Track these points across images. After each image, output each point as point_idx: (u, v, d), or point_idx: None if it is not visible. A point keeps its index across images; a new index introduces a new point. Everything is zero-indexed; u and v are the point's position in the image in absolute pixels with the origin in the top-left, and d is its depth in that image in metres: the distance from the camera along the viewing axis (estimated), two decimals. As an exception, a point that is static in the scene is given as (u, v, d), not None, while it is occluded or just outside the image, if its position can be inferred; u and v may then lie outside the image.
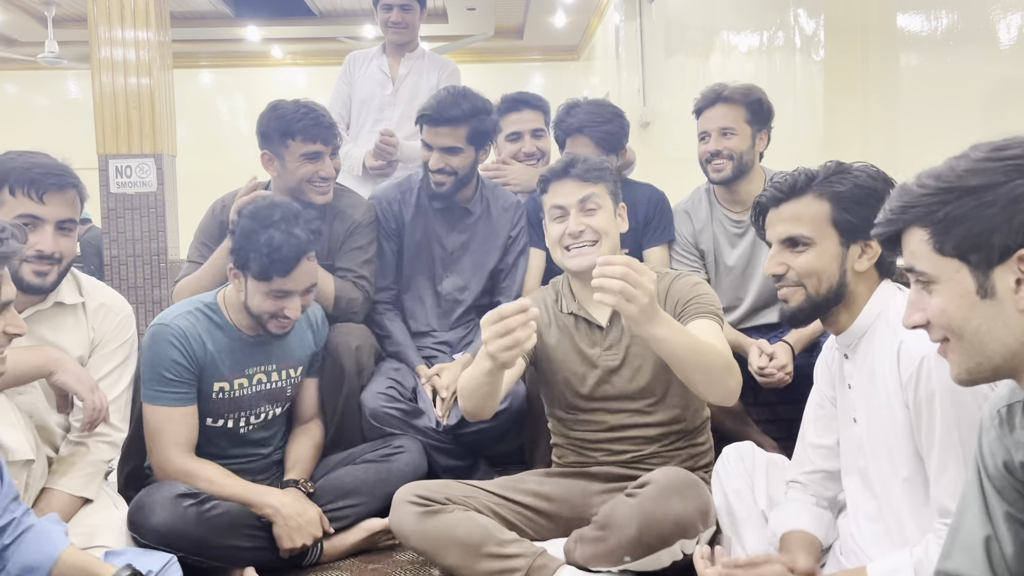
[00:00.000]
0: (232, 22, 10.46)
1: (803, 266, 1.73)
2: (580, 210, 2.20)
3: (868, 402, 1.71)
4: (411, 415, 2.67)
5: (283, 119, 2.72)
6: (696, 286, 2.23)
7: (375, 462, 2.54)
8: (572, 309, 2.29)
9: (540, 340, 2.29)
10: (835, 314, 1.76)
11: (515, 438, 2.76)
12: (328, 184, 2.78)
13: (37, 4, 9.62)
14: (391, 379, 2.73)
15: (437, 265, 2.99)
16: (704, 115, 2.86)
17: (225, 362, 2.41)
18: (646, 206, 3.01)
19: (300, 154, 2.72)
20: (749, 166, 2.85)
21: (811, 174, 1.76)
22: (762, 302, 2.96)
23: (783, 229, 1.77)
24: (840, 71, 3.48)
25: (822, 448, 1.91)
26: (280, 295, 2.31)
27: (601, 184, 2.23)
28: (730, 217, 2.94)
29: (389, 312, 2.96)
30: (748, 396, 2.90)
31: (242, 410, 2.47)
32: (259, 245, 2.24)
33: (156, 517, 2.16)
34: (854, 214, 1.71)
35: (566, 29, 11.15)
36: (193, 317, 2.40)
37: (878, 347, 1.69)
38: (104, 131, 6.81)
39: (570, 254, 2.21)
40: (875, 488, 1.72)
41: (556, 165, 2.27)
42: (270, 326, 2.37)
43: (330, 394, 2.69)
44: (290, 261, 2.26)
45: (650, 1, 7.15)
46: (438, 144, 2.82)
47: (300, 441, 2.60)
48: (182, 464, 2.32)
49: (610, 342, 2.25)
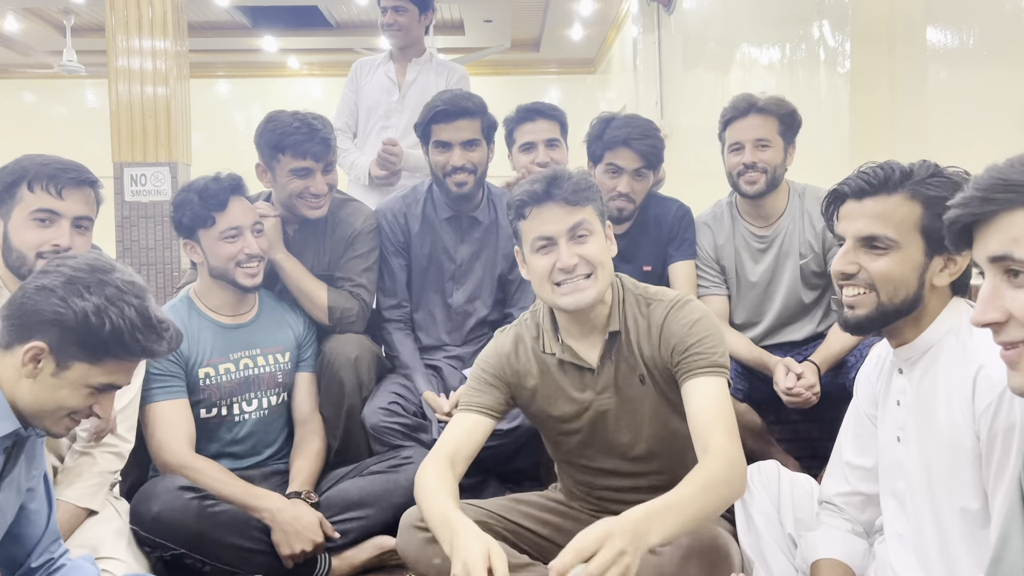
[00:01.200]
0: (249, 32, 10.49)
1: (880, 271, 1.58)
2: (570, 239, 1.87)
3: (920, 422, 1.60)
4: (415, 429, 2.59)
5: (275, 132, 2.65)
6: (695, 325, 1.91)
7: (382, 473, 2.48)
8: (556, 351, 1.98)
9: (519, 386, 2.03)
10: (900, 326, 1.63)
11: (529, 455, 2.66)
12: (321, 199, 2.71)
13: (56, 13, 9.67)
14: (394, 393, 2.64)
15: (447, 278, 2.91)
16: (735, 125, 2.77)
17: (207, 348, 2.48)
18: (671, 221, 2.93)
19: (289, 169, 2.66)
20: (780, 180, 2.77)
21: (907, 171, 1.60)
22: (784, 319, 2.87)
23: (864, 226, 1.60)
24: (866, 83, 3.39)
25: (860, 469, 1.80)
26: (231, 235, 2.42)
27: (590, 206, 1.90)
28: (753, 232, 2.86)
29: (399, 331, 2.87)
30: (769, 414, 2.82)
31: (233, 395, 2.51)
32: (190, 199, 2.42)
33: (157, 506, 2.16)
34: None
35: (583, 42, 11.13)
36: (172, 311, 2.47)
37: (944, 366, 1.57)
38: (120, 139, 6.82)
39: (562, 290, 1.87)
40: (912, 513, 1.62)
41: (534, 186, 1.88)
42: (238, 277, 2.46)
43: (331, 411, 2.62)
44: (220, 195, 2.42)
45: (669, 13, 7.09)
46: (458, 139, 2.75)
47: (301, 451, 2.55)
48: (185, 458, 2.34)
49: (603, 384, 1.98)
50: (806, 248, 2.80)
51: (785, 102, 2.78)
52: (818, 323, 2.88)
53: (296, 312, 2.68)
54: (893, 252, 1.58)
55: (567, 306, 1.88)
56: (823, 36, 3.76)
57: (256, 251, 2.45)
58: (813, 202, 2.80)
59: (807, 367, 2.57)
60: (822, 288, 2.86)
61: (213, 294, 2.52)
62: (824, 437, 2.99)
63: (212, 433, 2.48)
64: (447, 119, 2.74)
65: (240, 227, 2.43)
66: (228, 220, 2.43)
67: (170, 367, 2.39)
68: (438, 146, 2.78)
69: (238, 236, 2.43)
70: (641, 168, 2.84)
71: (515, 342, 2.06)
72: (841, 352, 2.60)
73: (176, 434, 2.34)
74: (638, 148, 2.82)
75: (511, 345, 2.05)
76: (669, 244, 2.91)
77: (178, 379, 2.41)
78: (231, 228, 2.42)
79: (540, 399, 2.03)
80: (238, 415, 2.50)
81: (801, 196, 2.83)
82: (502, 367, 2.03)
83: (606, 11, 9.77)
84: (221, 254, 2.43)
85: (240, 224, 2.44)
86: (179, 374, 2.41)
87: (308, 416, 2.62)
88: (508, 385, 2.02)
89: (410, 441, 2.57)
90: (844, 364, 2.60)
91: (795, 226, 2.81)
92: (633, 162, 2.81)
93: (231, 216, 2.43)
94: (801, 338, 2.86)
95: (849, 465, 1.83)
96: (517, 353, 2.04)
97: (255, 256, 2.45)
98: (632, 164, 2.81)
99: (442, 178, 2.80)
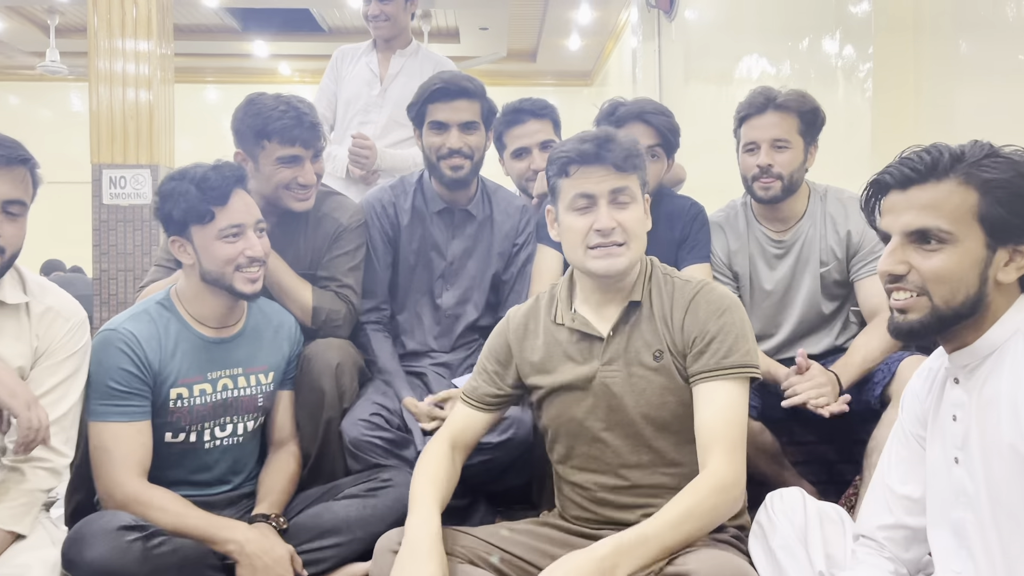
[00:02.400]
0: (239, 36, 10.33)
1: (934, 270, 1.38)
2: (611, 202, 1.82)
3: (983, 439, 1.38)
4: (398, 445, 2.33)
5: (259, 116, 2.40)
6: (722, 316, 1.82)
7: (359, 497, 2.19)
8: (566, 320, 1.92)
9: (523, 360, 1.98)
10: (958, 329, 1.41)
11: (521, 473, 2.40)
12: (309, 191, 2.47)
13: (40, 12, 9.47)
14: (376, 403, 2.39)
15: (436, 276, 2.68)
16: (751, 123, 2.54)
17: (183, 365, 2.14)
18: (685, 220, 2.69)
19: (276, 157, 2.41)
20: (798, 185, 2.55)
21: (958, 153, 1.41)
22: (801, 331, 2.64)
23: (912, 219, 1.41)
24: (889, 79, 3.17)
25: (907, 499, 1.56)
26: (232, 234, 2.11)
27: (635, 174, 1.85)
28: (770, 236, 2.63)
29: (377, 333, 2.62)
30: (783, 434, 2.59)
31: (205, 420, 2.18)
32: (185, 189, 2.09)
33: (93, 552, 1.82)
34: (1009, 209, 1.36)
35: (580, 53, 11.02)
36: (146, 317, 2.15)
37: (1009, 372, 1.36)
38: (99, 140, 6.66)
39: (595, 253, 1.82)
40: (974, 548, 1.39)
41: (583, 145, 1.83)
42: (237, 283, 2.13)
43: (307, 421, 2.35)
44: (222, 187, 2.09)
45: (670, 19, 6.91)
46: (456, 119, 2.54)
47: (273, 470, 2.28)
48: (133, 490, 2.02)
49: (610, 355, 1.88)
50: (827, 255, 2.57)
51: (807, 97, 2.55)
52: (837, 335, 2.66)
53: (287, 319, 2.37)
54: (948, 247, 1.38)
55: (598, 270, 1.84)
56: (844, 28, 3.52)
57: (260, 254, 2.14)
58: (836, 204, 2.59)
59: (817, 368, 2.33)
60: (843, 298, 2.64)
61: (201, 301, 2.18)
62: (842, 459, 2.77)
63: (175, 459, 2.19)
64: (445, 98, 2.53)
65: (243, 225, 2.12)
66: (230, 216, 2.10)
67: (135, 384, 2.06)
68: (434, 127, 2.56)
69: (240, 235, 2.11)
70: (656, 147, 2.63)
71: (527, 313, 2.02)
72: (864, 364, 2.36)
73: (126, 463, 2.03)
74: (654, 122, 2.62)
75: (521, 316, 2.02)
76: (681, 245, 2.67)
77: (141, 398, 2.08)
78: (233, 226, 2.10)
79: (543, 369, 1.95)
80: (208, 442, 2.19)
81: (823, 198, 2.61)
82: (502, 346, 2.01)
83: (605, 20, 9.64)
84: (219, 255, 2.10)
85: (243, 222, 2.12)
86: (143, 393, 2.08)
87: (286, 438, 2.35)
88: (510, 364, 2.00)
89: (392, 459, 2.31)
90: (869, 379, 2.37)
91: (816, 231, 2.59)
92: (647, 138, 2.60)
93: (233, 212, 2.11)
94: (819, 351, 2.63)
95: (894, 494, 1.59)
96: (526, 325, 2.00)
97: (258, 259, 2.14)
98: (646, 140, 2.59)
99: (435, 162, 2.58)
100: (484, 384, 2.01)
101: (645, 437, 1.88)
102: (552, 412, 1.96)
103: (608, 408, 1.89)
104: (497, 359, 2.01)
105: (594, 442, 1.91)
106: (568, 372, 1.91)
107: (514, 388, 2.01)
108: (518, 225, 2.70)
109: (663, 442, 1.88)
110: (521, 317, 2.02)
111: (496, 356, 2.02)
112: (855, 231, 2.54)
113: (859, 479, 2.38)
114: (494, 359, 2.02)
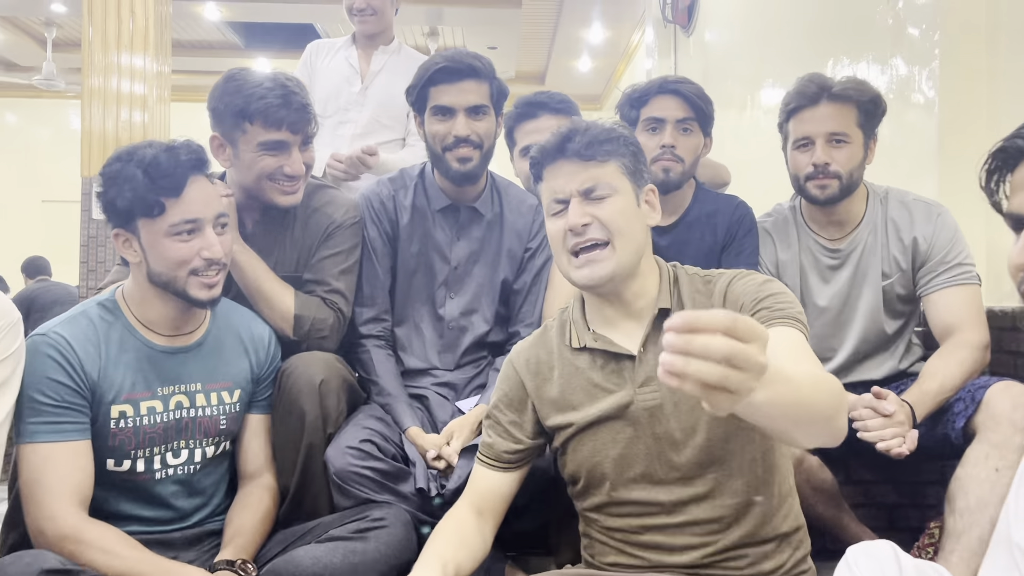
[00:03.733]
0: (241, 53, 10.10)
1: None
2: (584, 198, 1.59)
3: None
4: (393, 478, 1.98)
5: (239, 94, 2.07)
6: (766, 284, 1.59)
7: (345, 539, 1.80)
8: (586, 341, 1.64)
9: (539, 397, 1.70)
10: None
11: (536, 515, 2.05)
12: (296, 183, 2.14)
13: (38, 25, 9.24)
14: (368, 428, 2.02)
15: (438, 283, 2.33)
16: (802, 116, 2.23)
17: (127, 377, 1.81)
18: (728, 221, 2.37)
19: (258, 142, 2.08)
20: (857, 184, 2.25)
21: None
22: (862, 353, 2.31)
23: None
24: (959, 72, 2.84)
25: None
26: (186, 231, 1.78)
27: (612, 161, 1.60)
28: (823, 245, 2.30)
29: (379, 350, 2.27)
30: (839, 472, 2.24)
31: (155, 445, 1.84)
32: (131, 173, 1.75)
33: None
34: None
35: (590, 75, 10.80)
36: (84, 320, 1.81)
37: None
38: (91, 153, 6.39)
39: (577, 262, 1.59)
40: None
41: (548, 142, 1.63)
42: (191, 288, 1.80)
43: (286, 448, 1.99)
44: (176, 174, 1.76)
45: (687, 34, 6.61)
46: (462, 103, 2.21)
47: (242, 507, 1.93)
48: (68, 526, 1.68)
49: (646, 374, 1.59)
50: (890, 266, 2.24)
51: (866, 86, 2.25)
52: (900, 359, 2.32)
53: (260, 330, 2.04)
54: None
55: (579, 280, 1.61)
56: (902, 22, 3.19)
57: (219, 255, 1.81)
58: (899, 208, 2.27)
59: (894, 400, 1.98)
60: (907, 315, 2.30)
61: (149, 304, 1.85)
62: (905, 503, 2.43)
63: (120, 491, 1.84)
64: (450, 79, 2.20)
65: (199, 220, 1.79)
66: (184, 210, 1.77)
67: (67, 396, 1.73)
68: (437, 112, 2.23)
69: (196, 232, 1.79)
70: (687, 120, 2.34)
71: (535, 344, 1.75)
72: (941, 393, 2.03)
73: (59, 491, 1.69)
74: (681, 90, 2.33)
75: (529, 349, 1.75)
76: (725, 250, 2.33)
77: (76, 413, 1.74)
78: (187, 221, 1.78)
79: (566, 405, 1.66)
80: (159, 471, 1.84)
81: (883, 201, 2.29)
82: (514, 388, 1.73)
83: (617, 40, 9.40)
84: (169, 256, 1.78)
85: (199, 216, 1.79)
86: (79, 407, 1.75)
87: (259, 470, 1.99)
88: (526, 408, 1.71)
89: (386, 493, 1.95)
90: (947, 410, 2.03)
91: (876, 238, 2.26)
92: (677, 110, 2.33)
93: (188, 204, 1.78)
94: (880, 376, 2.30)
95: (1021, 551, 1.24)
96: (537, 358, 1.72)
97: (216, 262, 1.82)
98: (676, 113, 2.32)
99: (441, 153, 2.24)
100: (500, 439, 1.73)
101: (700, 464, 1.56)
102: (584, 453, 1.64)
103: (653, 437, 1.58)
104: (510, 406, 1.73)
105: (639, 481, 1.59)
106: (598, 403, 1.62)
107: (536, 438, 1.73)
108: (532, 226, 2.37)
109: (722, 468, 1.56)
110: (529, 349, 1.75)
111: (509, 402, 1.73)
112: (922, 238, 2.22)
113: (935, 526, 2.03)
114: (507, 407, 1.73)
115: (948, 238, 2.20)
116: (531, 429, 1.71)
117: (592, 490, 1.65)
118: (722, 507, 1.56)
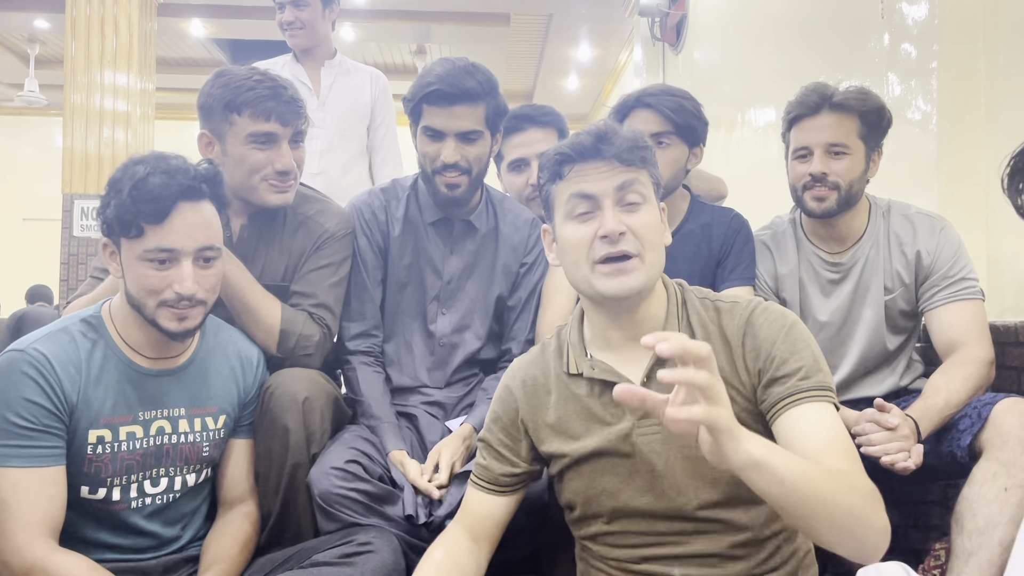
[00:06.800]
0: (228, 71, 10.03)
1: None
2: (618, 202, 1.47)
3: None
4: (380, 500, 1.89)
5: (227, 87, 2.00)
6: (791, 332, 1.47)
7: (330, 565, 1.71)
8: (583, 369, 1.55)
9: (535, 424, 1.61)
10: None
11: (529, 541, 1.95)
12: (287, 179, 2.06)
13: (20, 41, 9.15)
14: (354, 449, 1.94)
15: (430, 298, 2.26)
16: (802, 125, 2.17)
17: (108, 400, 1.71)
18: (724, 233, 2.30)
19: (247, 134, 2.01)
20: (858, 197, 2.19)
21: None
22: (863, 369, 2.24)
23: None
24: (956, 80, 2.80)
25: None
26: (162, 259, 1.66)
27: (645, 170, 1.50)
28: (824, 258, 2.25)
29: (367, 368, 2.19)
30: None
31: (132, 473, 1.74)
32: (122, 188, 1.65)
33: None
34: None
35: (578, 93, 10.82)
36: (65, 337, 1.71)
37: None
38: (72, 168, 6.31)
39: (605, 270, 1.46)
40: None
41: (579, 138, 1.50)
42: (162, 319, 1.69)
43: (268, 469, 1.90)
44: (161, 201, 1.64)
45: (676, 53, 6.59)
46: (454, 128, 2.11)
47: (221, 534, 1.83)
48: (35, 557, 1.58)
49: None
50: (893, 280, 2.19)
51: (870, 95, 2.18)
52: (901, 375, 2.26)
53: (249, 351, 1.94)
54: None
55: (609, 291, 1.46)
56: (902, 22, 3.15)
57: (189, 291, 1.67)
58: (901, 222, 2.21)
59: (898, 414, 1.92)
60: (909, 331, 2.25)
61: (131, 324, 1.75)
62: (907, 524, 2.36)
63: (92, 518, 1.74)
64: (441, 102, 2.09)
65: (176, 252, 1.66)
66: (161, 238, 1.65)
67: (44, 419, 1.63)
68: (428, 133, 2.14)
69: (170, 263, 1.67)
70: (663, 134, 2.24)
71: (532, 363, 1.65)
72: (946, 409, 1.96)
73: (28, 521, 1.58)
74: (656, 104, 2.23)
75: (525, 368, 1.65)
76: (721, 264, 2.27)
77: (52, 437, 1.63)
78: (161, 250, 1.66)
79: (562, 432, 1.57)
80: (135, 499, 1.75)
81: (886, 215, 2.24)
82: (508, 411, 1.63)
83: (605, 59, 9.42)
84: (140, 281, 1.67)
85: (178, 247, 1.66)
86: (58, 431, 1.64)
87: (241, 496, 1.90)
88: (521, 432, 1.63)
89: (373, 517, 1.86)
90: (952, 427, 1.96)
91: (878, 252, 2.21)
92: (651, 125, 2.22)
93: (168, 233, 1.65)
94: (881, 393, 2.22)
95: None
96: (534, 378, 1.62)
97: (187, 298, 1.68)
98: (649, 127, 2.21)
99: (430, 173, 2.17)
100: (495, 463, 1.64)
101: (703, 502, 1.48)
102: (579, 484, 1.56)
103: (653, 475, 1.49)
104: (505, 428, 1.64)
105: (638, 516, 1.51)
106: (595, 436, 1.53)
107: (532, 463, 1.65)
108: (528, 240, 2.30)
109: (727, 501, 1.47)
110: (525, 369, 1.65)
111: (503, 425, 1.65)
112: (926, 252, 2.16)
113: (941, 548, 1.96)
114: (501, 429, 1.65)
115: (952, 252, 2.15)
116: (526, 453, 1.63)
117: (589, 519, 1.58)
118: (726, 541, 1.48)
